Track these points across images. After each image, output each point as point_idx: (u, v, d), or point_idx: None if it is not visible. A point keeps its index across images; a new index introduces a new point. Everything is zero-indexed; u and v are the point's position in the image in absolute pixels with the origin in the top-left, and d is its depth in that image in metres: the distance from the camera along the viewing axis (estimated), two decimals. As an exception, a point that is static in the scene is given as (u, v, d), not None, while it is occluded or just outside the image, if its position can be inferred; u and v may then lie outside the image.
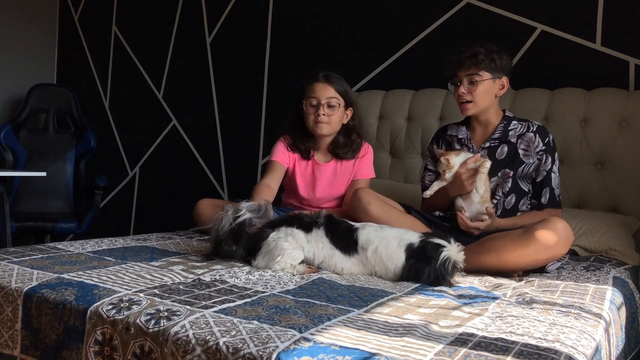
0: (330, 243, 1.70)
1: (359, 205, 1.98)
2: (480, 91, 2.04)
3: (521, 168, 2.06)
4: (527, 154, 2.06)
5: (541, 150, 2.05)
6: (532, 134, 2.06)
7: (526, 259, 1.73)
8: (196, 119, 3.70)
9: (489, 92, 2.06)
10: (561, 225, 1.72)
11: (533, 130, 2.07)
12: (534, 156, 2.05)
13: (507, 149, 2.08)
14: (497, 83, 2.07)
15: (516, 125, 2.10)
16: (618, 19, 2.51)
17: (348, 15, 3.17)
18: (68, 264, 1.56)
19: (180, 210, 3.66)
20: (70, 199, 3.80)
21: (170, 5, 3.80)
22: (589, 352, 1.09)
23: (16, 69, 4.05)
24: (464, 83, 2.05)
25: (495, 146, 2.10)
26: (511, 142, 2.08)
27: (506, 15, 2.75)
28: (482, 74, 2.03)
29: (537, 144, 2.05)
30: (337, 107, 2.25)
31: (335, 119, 2.26)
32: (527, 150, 2.06)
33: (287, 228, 1.71)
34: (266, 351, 0.97)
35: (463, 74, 2.06)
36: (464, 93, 2.05)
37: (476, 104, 2.06)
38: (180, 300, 1.24)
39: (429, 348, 1.02)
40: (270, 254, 1.68)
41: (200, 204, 2.27)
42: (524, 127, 2.09)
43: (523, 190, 2.07)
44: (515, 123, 2.11)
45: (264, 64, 3.45)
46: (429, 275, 1.58)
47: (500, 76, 2.06)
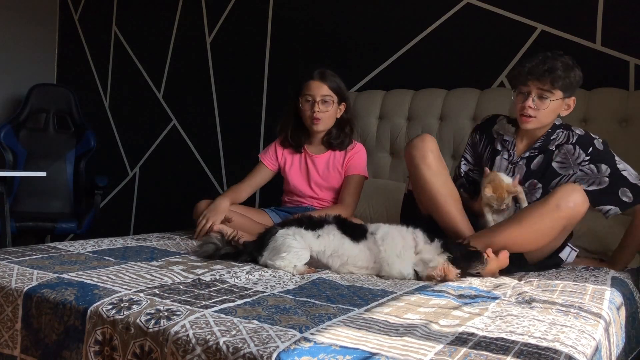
0: (341, 233, 1.72)
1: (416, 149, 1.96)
2: (548, 109, 1.89)
3: (556, 180, 1.94)
4: (564, 166, 1.94)
5: (584, 161, 1.92)
6: (572, 145, 1.93)
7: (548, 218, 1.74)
8: (196, 119, 3.70)
9: (555, 111, 1.92)
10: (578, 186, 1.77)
11: (572, 142, 1.94)
12: (573, 167, 1.93)
13: (543, 159, 1.97)
14: (565, 102, 1.92)
15: (558, 134, 1.97)
16: (618, 19, 2.51)
17: (348, 15, 3.17)
18: (68, 264, 1.56)
19: (180, 210, 3.66)
20: (70, 199, 3.80)
21: (170, 5, 3.80)
22: (589, 351, 1.09)
23: (16, 69, 4.05)
24: (532, 96, 1.88)
25: (534, 156, 1.99)
26: (549, 150, 1.97)
27: (506, 15, 2.75)
28: (555, 92, 1.87)
29: (578, 156, 1.92)
30: (331, 103, 2.36)
31: (330, 115, 2.38)
32: (564, 162, 1.94)
33: (297, 228, 1.73)
34: (266, 351, 0.97)
35: (535, 86, 1.88)
36: (531, 108, 1.88)
37: (539, 121, 1.92)
38: (180, 300, 1.24)
39: (429, 348, 1.02)
40: (276, 250, 1.68)
41: (200, 205, 2.28)
42: (564, 136, 1.96)
43: None
44: (559, 131, 1.97)
45: (264, 64, 3.45)
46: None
47: (570, 95, 1.92)
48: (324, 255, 1.72)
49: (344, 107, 2.43)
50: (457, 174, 2.18)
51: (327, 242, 1.71)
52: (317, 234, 1.72)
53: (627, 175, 1.91)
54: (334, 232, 1.72)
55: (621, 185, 1.90)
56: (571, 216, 1.76)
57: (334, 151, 2.42)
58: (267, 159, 2.47)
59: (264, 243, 1.73)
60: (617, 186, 1.90)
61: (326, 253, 1.72)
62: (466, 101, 2.72)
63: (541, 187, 1.96)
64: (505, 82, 2.75)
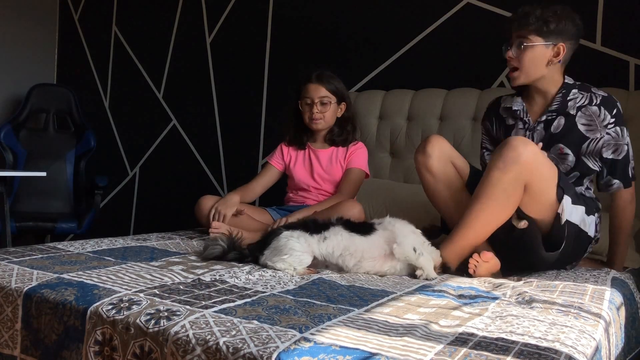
0: (349, 231, 1.72)
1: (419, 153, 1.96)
2: (527, 57, 1.83)
3: (586, 144, 1.85)
4: (591, 128, 1.84)
5: (610, 123, 1.83)
6: (596, 107, 1.84)
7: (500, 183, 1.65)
8: (196, 119, 3.70)
9: (538, 59, 1.84)
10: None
11: (597, 103, 1.85)
12: (601, 130, 1.83)
13: (564, 122, 1.87)
14: (551, 49, 1.84)
15: (576, 95, 1.88)
16: (618, 19, 2.51)
17: (348, 15, 3.17)
18: (68, 264, 1.56)
19: (180, 210, 3.66)
20: (70, 199, 3.80)
21: (170, 5, 3.80)
22: (589, 351, 1.09)
23: (16, 69, 4.05)
24: (513, 47, 1.86)
25: (552, 119, 1.89)
26: (570, 114, 1.86)
27: (506, 16, 2.74)
28: (530, 38, 1.82)
29: (604, 117, 1.83)
30: (329, 104, 2.43)
31: (329, 115, 2.44)
32: (590, 125, 1.84)
33: (302, 232, 1.72)
34: (266, 351, 0.97)
35: (514, 35, 1.86)
36: (511, 58, 1.86)
37: (524, 72, 1.86)
38: (180, 300, 1.24)
39: (429, 348, 1.02)
40: (278, 250, 1.68)
41: (204, 200, 2.32)
42: (586, 98, 1.87)
43: (590, 168, 1.87)
44: (575, 92, 1.88)
45: (264, 64, 3.45)
46: None
47: (556, 42, 1.83)
48: (333, 256, 1.70)
49: (345, 107, 2.49)
50: (482, 163, 2.15)
51: (336, 242, 1.70)
52: (324, 236, 1.71)
53: (630, 152, 1.88)
54: (342, 232, 1.72)
55: (631, 158, 1.85)
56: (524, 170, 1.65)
57: (337, 147, 2.49)
58: (274, 159, 2.55)
59: (267, 242, 1.73)
60: (628, 158, 1.85)
61: (335, 254, 1.70)
62: (466, 101, 2.72)
63: (571, 153, 1.86)
64: (505, 82, 2.75)
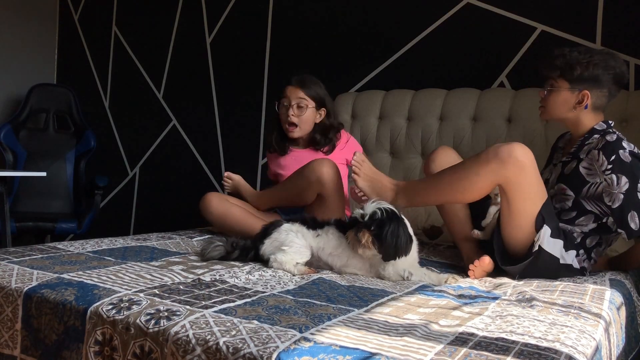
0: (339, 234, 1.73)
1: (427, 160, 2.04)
2: (551, 99, 1.88)
3: (586, 188, 1.81)
4: (590, 172, 1.81)
5: (607, 169, 1.75)
6: (597, 150, 1.79)
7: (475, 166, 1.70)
8: (196, 119, 3.70)
9: (561, 103, 1.87)
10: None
11: (599, 147, 1.79)
12: (599, 176, 1.78)
13: (575, 165, 1.87)
14: (576, 95, 1.85)
15: (593, 140, 1.85)
16: (618, 19, 2.51)
17: (348, 15, 3.17)
18: (68, 264, 1.56)
19: (180, 210, 3.66)
20: (70, 199, 3.80)
21: (170, 5, 3.80)
22: (589, 351, 1.09)
23: (16, 69, 4.05)
24: (545, 86, 1.92)
25: (568, 161, 1.91)
26: (580, 158, 1.86)
27: (506, 15, 2.75)
28: (557, 81, 1.86)
29: (602, 163, 1.77)
30: (306, 107, 2.39)
31: (305, 119, 2.41)
32: (590, 169, 1.82)
33: (300, 226, 1.76)
34: (266, 351, 0.97)
35: (544, 76, 1.91)
36: (541, 97, 1.93)
37: (547, 112, 1.92)
38: (180, 300, 1.24)
39: (429, 348, 1.02)
40: (279, 242, 1.72)
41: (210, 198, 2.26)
42: (596, 142, 1.83)
43: (585, 208, 1.82)
44: (596, 137, 1.85)
45: (264, 64, 3.45)
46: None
47: (581, 88, 1.84)
48: (324, 252, 1.74)
49: (324, 113, 2.45)
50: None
51: (327, 241, 1.74)
52: (317, 233, 1.75)
53: (627, 198, 1.72)
54: (333, 232, 1.74)
55: (632, 208, 1.72)
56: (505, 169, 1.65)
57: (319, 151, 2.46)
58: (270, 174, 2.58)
59: (267, 233, 1.77)
60: (629, 208, 1.72)
61: (326, 252, 1.74)
62: (466, 101, 2.73)
63: (573, 195, 1.85)
64: (505, 82, 2.75)
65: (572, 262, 1.80)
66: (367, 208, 1.61)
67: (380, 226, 1.58)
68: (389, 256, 1.60)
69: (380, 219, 1.58)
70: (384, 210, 1.59)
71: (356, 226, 1.61)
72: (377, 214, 1.59)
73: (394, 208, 1.63)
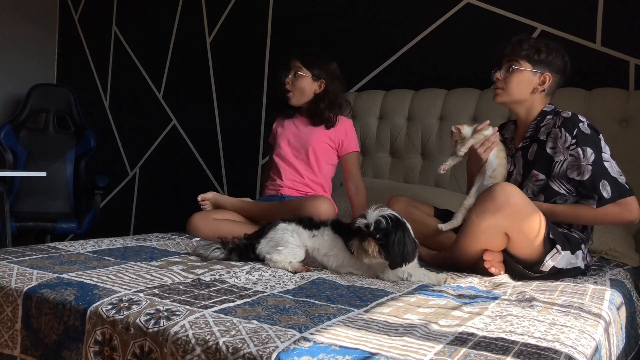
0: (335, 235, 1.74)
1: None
2: (514, 80, 1.91)
3: (553, 167, 1.87)
4: (555, 151, 1.86)
5: (571, 145, 1.81)
6: (557, 129, 1.85)
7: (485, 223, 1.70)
8: (196, 119, 3.70)
9: (524, 84, 1.92)
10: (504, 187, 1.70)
11: (558, 125, 1.85)
12: (564, 152, 1.83)
13: (537, 148, 1.91)
14: (538, 77, 1.91)
15: (548, 121, 1.92)
16: (618, 19, 2.51)
17: (348, 15, 3.17)
18: (68, 264, 1.56)
19: (181, 210, 3.66)
20: (70, 199, 3.80)
21: (170, 5, 3.80)
22: (588, 351, 1.09)
23: (16, 69, 4.05)
24: (502, 69, 1.94)
25: (527, 146, 1.95)
26: (540, 139, 1.91)
27: (506, 15, 2.75)
28: (521, 63, 1.91)
29: (565, 139, 1.82)
30: (302, 77, 2.49)
31: (299, 87, 2.49)
32: (554, 147, 1.86)
33: (296, 225, 1.77)
34: (266, 351, 0.97)
35: (505, 58, 1.94)
36: (498, 79, 1.94)
37: (507, 92, 1.94)
38: (180, 300, 1.24)
39: (429, 348, 1.01)
40: (274, 242, 1.74)
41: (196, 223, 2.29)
42: (553, 121, 1.90)
43: (554, 190, 1.87)
44: (549, 118, 1.92)
45: (264, 64, 3.45)
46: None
47: (543, 71, 1.91)
48: (319, 253, 1.75)
49: (323, 85, 2.51)
50: None
51: (322, 242, 1.75)
52: (313, 233, 1.76)
53: (608, 167, 1.79)
54: (328, 233, 1.75)
55: (601, 179, 1.77)
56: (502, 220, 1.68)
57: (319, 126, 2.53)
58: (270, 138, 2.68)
59: (264, 233, 1.79)
60: (597, 180, 1.77)
61: (321, 251, 1.75)
62: (466, 101, 2.73)
63: (544, 178, 1.88)
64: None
65: (580, 265, 1.82)
66: (370, 216, 1.59)
67: (386, 235, 1.57)
68: (396, 264, 1.60)
69: (385, 228, 1.57)
70: (389, 218, 1.58)
71: (360, 235, 1.60)
72: (381, 222, 1.57)
73: (397, 214, 1.62)
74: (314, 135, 2.49)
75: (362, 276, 1.67)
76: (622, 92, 2.44)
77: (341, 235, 1.73)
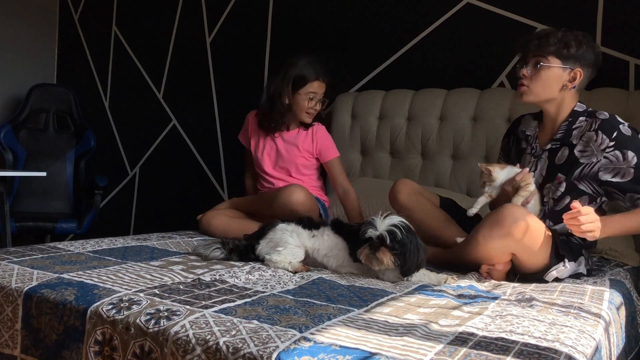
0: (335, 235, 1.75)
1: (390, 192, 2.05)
2: (542, 77, 1.80)
3: (579, 170, 1.79)
4: (586, 154, 1.78)
5: (608, 147, 1.73)
6: (593, 132, 1.76)
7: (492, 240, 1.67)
8: (196, 119, 3.70)
9: (553, 81, 1.80)
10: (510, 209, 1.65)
11: (594, 129, 1.76)
12: (597, 155, 1.75)
13: (568, 153, 1.81)
14: (568, 73, 1.80)
15: (582, 123, 1.81)
16: (618, 19, 2.51)
17: (348, 15, 3.17)
18: (68, 263, 1.56)
19: (181, 210, 3.66)
20: (70, 199, 3.80)
21: (170, 5, 3.80)
22: (588, 351, 1.09)
23: (16, 69, 4.05)
24: (529, 65, 1.83)
25: (556, 148, 1.85)
26: (573, 144, 1.81)
27: (506, 15, 2.75)
28: (549, 59, 1.79)
29: (602, 142, 1.74)
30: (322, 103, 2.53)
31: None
32: (585, 150, 1.78)
33: (296, 226, 1.77)
34: (266, 351, 0.97)
35: (531, 53, 1.82)
36: (525, 76, 1.82)
37: (532, 91, 1.83)
38: (180, 300, 1.24)
39: (429, 347, 1.01)
40: (274, 243, 1.74)
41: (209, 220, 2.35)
42: (588, 124, 1.80)
43: (582, 190, 1.80)
44: (582, 119, 1.81)
45: (264, 64, 3.45)
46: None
47: (573, 67, 1.79)
48: (319, 253, 1.75)
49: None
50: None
51: (322, 242, 1.75)
52: (313, 233, 1.76)
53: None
54: (328, 234, 1.75)
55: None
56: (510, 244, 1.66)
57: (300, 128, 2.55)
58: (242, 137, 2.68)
59: (263, 233, 1.79)
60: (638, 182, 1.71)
61: (321, 252, 1.75)
62: (466, 101, 2.73)
63: (565, 179, 1.81)
64: (505, 82, 2.75)
65: (582, 270, 1.80)
66: (380, 225, 1.59)
67: (402, 246, 1.58)
68: (410, 272, 1.61)
69: (401, 240, 1.57)
70: (402, 228, 1.59)
71: (370, 244, 1.60)
72: (397, 234, 1.57)
73: (407, 222, 1.62)
74: (294, 153, 2.51)
75: (362, 276, 1.67)
76: (622, 92, 2.44)
77: (341, 235, 1.73)
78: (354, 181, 2.77)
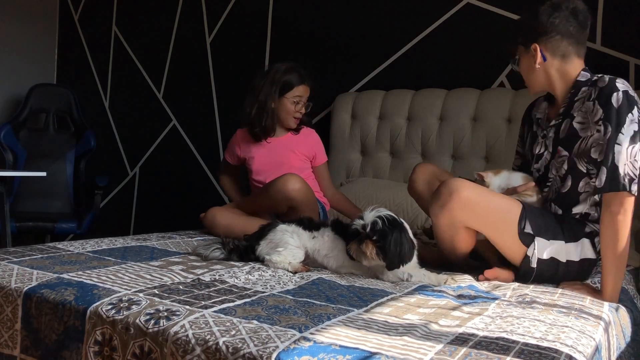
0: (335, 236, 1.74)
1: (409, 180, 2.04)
2: (522, 71, 1.77)
3: (577, 144, 1.66)
4: (584, 126, 1.64)
5: (600, 118, 1.58)
6: (591, 102, 1.62)
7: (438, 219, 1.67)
8: (196, 119, 3.70)
9: (528, 69, 1.76)
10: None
11: (593, 98, 1.61)
12: (591, 127, 1.61)
13: (568, 126, 1.70)
14: (531, 54, 1.72)
15: (584, 93, 1.67)
16: (618, 19, 2.51)
17: (348, 15, 3.17)
18: (68, 264, 1.56)
19: (180, 210, 3.66)
20: (70, 199, 3.80)
21: (170, 5, 3.80)
22: (589, 351, 1.09)
23: (16, 69, 4.05)
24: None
25: (559, 123, 1.74)
26: (573, 116, 1.68)
27: (506, 15, 2.75)
28: (517, 51, 1.76)
29: (596, 112, 1.59)
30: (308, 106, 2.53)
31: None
32: (583, 122, 1.64)
33: (296, 227, 1.77)
34: (266, 351, 0.97)
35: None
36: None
37: (529, 84, 1.80)
38: (180, 300, 1.24)
39: (429, 347, 1.01)
40: (274, 243, 1.74)
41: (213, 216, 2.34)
42: (587, 93, 1.65)
43: (581, 171, 1.66)
44: (585, 89, 1.67)
45: (264, 64, 3.45)
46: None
47: (528, 45, 1.71)
48: (319, 254, 1.75)
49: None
50: (514, 166, 2.06)
51: (322, 243, 1.75)
52: (313, 235, 1.76)
53: (617, 153, 1.53)
54: (329, 234, 1.75)
55: (604, 163, 1.54)
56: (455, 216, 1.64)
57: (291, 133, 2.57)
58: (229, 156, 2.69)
59: (263, 234, 1.79)
60: (602, 163, 1.55)
61: (321, 253, 1.75)
62: (466, 101, 2.73)
63: (567, 155, 1.69)
64: (505, 82, 2.75)
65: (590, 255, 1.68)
66: (367, 217, 1.59)
67: (383, 236, 1.56)
68: (394, 265, 1.59)
69: (382, 229, 1.56)
70: (385, 219, 1.57)
71: (358, 238, 1.59)
72: (377, 223, 1.56)
73: (393, 214, 1.62)
74: (289, 157, 2.51)
75: (362, 276, 1.67)
76: (622, 92, 2.43)
77: (341, 236, 1.73)
78: (354, 181, 2.77)
